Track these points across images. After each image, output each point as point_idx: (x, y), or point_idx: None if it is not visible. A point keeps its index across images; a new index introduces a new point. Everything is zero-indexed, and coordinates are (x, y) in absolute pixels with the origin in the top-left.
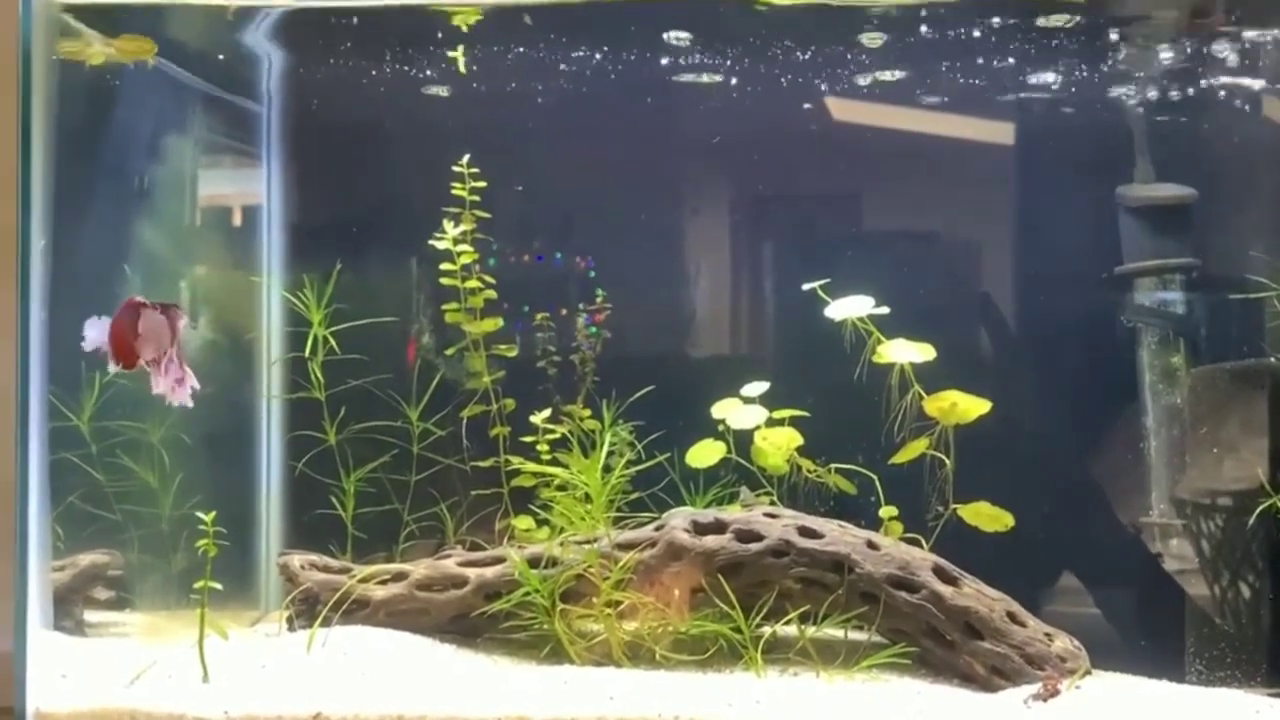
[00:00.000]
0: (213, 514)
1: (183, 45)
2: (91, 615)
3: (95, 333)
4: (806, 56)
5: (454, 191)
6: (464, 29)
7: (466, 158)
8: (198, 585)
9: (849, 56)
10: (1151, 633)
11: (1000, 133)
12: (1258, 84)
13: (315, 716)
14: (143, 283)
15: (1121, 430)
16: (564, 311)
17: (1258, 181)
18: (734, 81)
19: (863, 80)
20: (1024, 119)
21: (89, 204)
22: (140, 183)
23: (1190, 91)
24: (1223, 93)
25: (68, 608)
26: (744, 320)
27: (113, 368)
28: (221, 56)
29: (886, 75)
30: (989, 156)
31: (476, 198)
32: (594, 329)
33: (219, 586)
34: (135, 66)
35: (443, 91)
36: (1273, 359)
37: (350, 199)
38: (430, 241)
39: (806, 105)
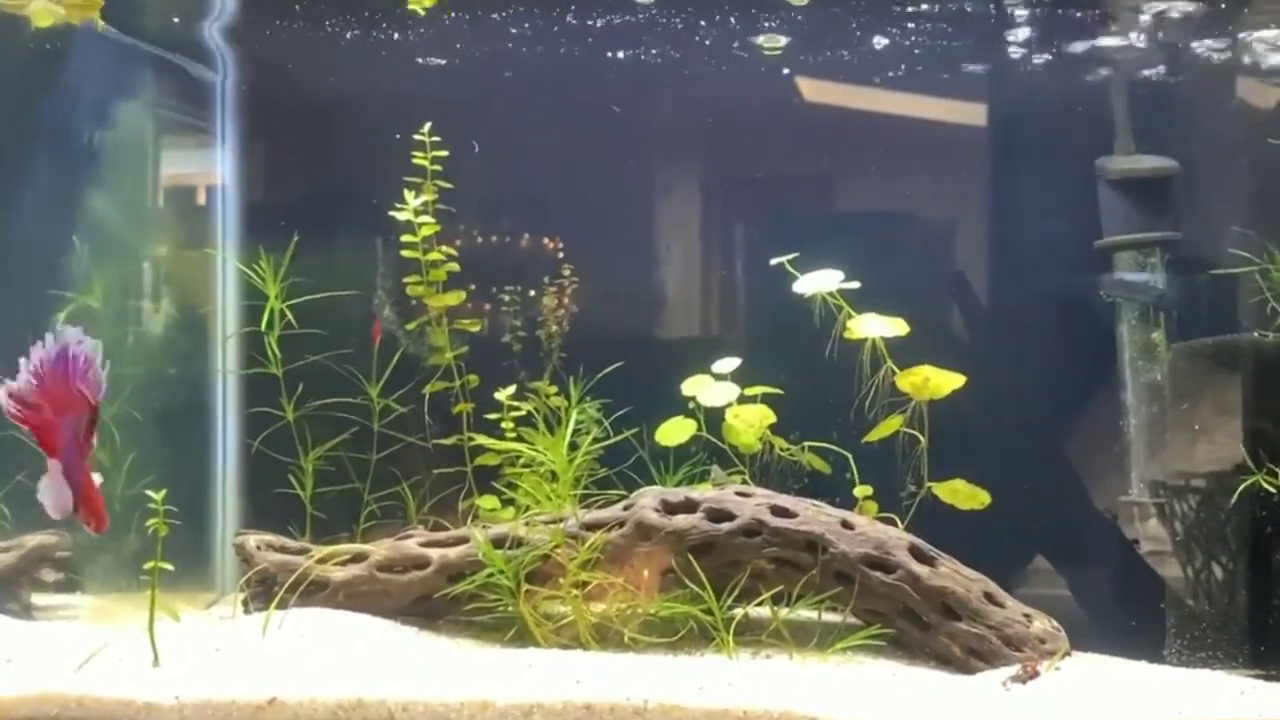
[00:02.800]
0: (163, 492)
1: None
2: (39, 598)
3: (58, 501)
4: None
5: (415, 161)
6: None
7: (428, 126)
8: (148, 566)
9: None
10: (1129, 614)
11: (975, 104)
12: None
13: (270, 701)
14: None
15: (1101, 407)
16: (530, 293)
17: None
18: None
19: (830, 54)
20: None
21: (33, 175)
22: (89, 149)
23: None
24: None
25: (14, 590)
26: (714, 296)
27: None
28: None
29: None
30: (963, 129)
31: (438, 167)
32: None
33: (170, 568)
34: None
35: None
36: (1256, 334)
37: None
38: (391, 213)
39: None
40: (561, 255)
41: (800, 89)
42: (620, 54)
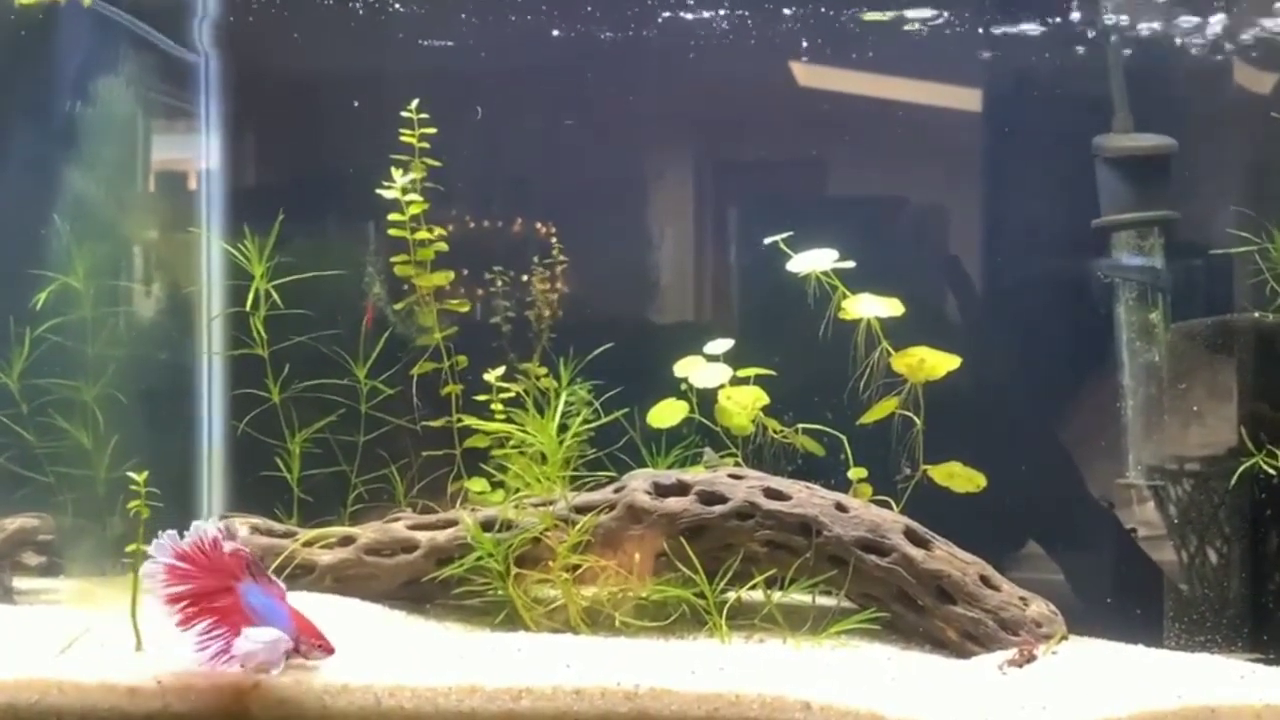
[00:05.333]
0: (144, 474)
1: None
2: (21, 582)
3: (274, 651)
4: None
5: (402, 138)
6: None
7: (415, 103)
8: (131, 549)
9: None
10: (1128, 599)
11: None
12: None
13: (255, 685)
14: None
15: (1098, 389)
16: (523, 278)
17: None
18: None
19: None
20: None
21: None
22: (69, 123)
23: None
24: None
25: None
26: (707, 275)
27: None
28: None
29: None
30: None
31: (426, 145)
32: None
33: None
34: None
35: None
36: (1256, 314)
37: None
38: (378, 191)
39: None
40: (554, 236)
41: (794, 68)
42: (612, 34)
